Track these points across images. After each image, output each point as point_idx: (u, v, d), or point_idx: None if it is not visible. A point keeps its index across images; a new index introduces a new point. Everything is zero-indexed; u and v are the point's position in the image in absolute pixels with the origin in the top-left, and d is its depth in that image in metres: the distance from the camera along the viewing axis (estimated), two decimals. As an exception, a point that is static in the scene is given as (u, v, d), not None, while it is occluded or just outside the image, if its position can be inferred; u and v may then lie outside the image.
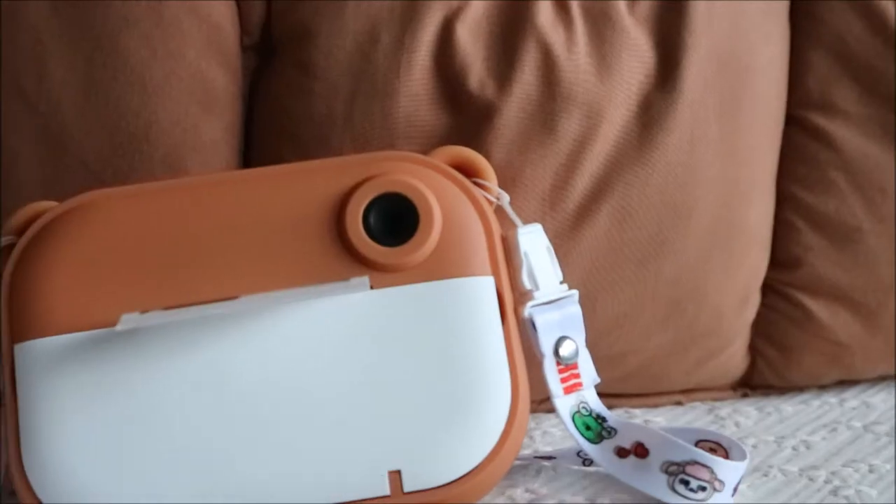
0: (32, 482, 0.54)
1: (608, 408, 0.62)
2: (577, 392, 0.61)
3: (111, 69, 0.67)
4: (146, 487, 0.54)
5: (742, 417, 0.74)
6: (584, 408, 0.61)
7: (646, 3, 0.71)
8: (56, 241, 0.57)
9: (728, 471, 0.58)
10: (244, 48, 0.72)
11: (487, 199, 0.60)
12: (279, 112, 0.70)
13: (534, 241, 0.60)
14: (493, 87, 0.68)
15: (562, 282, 0.61)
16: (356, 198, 0.57)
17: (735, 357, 0.78)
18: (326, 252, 0.57)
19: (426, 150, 0.61)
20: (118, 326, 0.53)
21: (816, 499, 0.61)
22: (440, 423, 0.55)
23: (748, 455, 0.59)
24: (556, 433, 0.71)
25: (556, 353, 0.60)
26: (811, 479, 0.63)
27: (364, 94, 0.68)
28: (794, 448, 0.68)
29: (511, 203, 0.62)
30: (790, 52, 0.76)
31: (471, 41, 0.68)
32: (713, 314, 0.74)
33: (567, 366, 0.60)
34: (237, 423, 0.54)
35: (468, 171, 0.60)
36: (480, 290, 0.57)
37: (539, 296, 0.60)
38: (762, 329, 0.78)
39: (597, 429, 0.61)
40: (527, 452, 0.66)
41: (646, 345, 0.73)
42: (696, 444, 0.60)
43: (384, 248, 0.57)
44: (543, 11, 0.69)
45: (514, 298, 0.59)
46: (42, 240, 0.57)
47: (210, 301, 0.55)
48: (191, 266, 0.57)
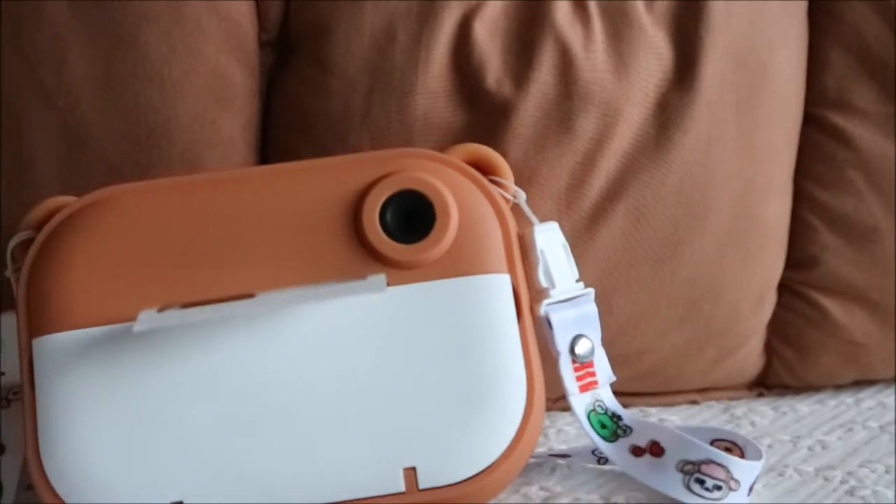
0: (50, 476, 0.54)
1: (623, 406, 0.62)
2: (593, 390, 0.61)
3: (130, 65, 0.68)
4: (163, 482, 0.54)
5: (758, 417, 0.74)
6: (600, 406, 0.61)
7: (663, 3, 0.71)
8: (75, 236, 0.57)
9: (744, 470, 0.58)
10: (262, 45, 0.72)
11: (504, 197, 0.60)
12: (296, 109, 0.71)
13: (550, 239, 0.60)
14: (511, 85, 0.68)
15: (578, 280, 0.61)
16: (373, 194, 0.57)
17: (751, 356, 0.78)
18: (343, 248, 0.57)
19: (443, 148, 0.61)
20: (136, 327, 0.53)
21: (833, 499, 0.60)
22: (455, 421, 0.55)
23: (764, 454, 0.59)
24: (571, 431, 0.71)
25: (572, 352, 0.60)
26: (827, 480, 0.63)
27: (381, 92, 0.68)
28: (810, 448, 0.68)
29: (527, 201, 0.62)
30: (808, 51, 0.76)
31: (488, 39, 0.68)
32: (729, 313, 0.74)
33: (583, 364, 0.60)
34: (254, 420, 0.54)
35: (485, 169, 0.60)
36: (496, 288, 0.57)
37: (555, 294, 0.60)
38: (778, 328, 0.78)
39: (612, 427, 0.61)
40: (541, 450, 0.66)
41: (662, 344, 0.73)
42: (712, 443, 0.60)
43: (401, 245, 0.57)
44: (561, 10, 0.69)
45: (530, 296, 0.59)
46: (61, 234, 0.57)
47: (227, 296, 0.55)
48: (208, 261, 0.57)
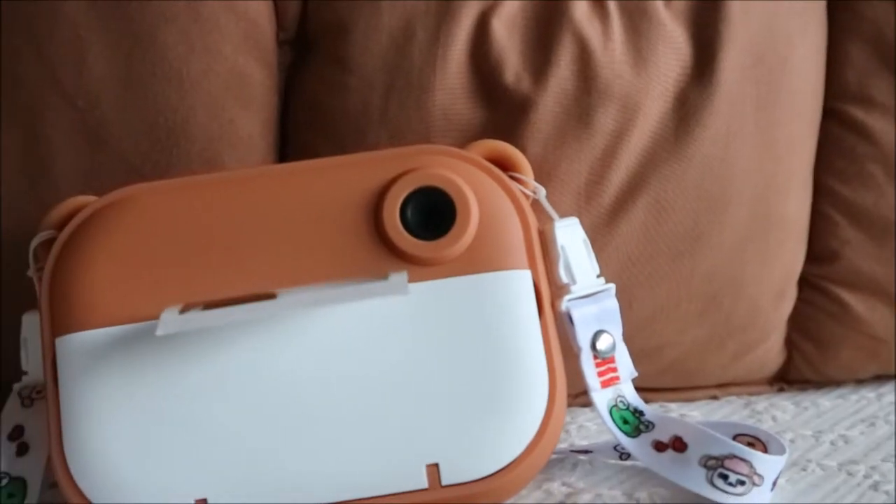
0: (74, 475, 0.55)
1: (643, 402, 0.62)
2: (615, 386, 0.60)
3: (150, 64, 0.68)
4: (187, 480, 0.54)
5: (779, 412, 0.74)
6: (622, 401, 0.61)
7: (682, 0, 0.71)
8: (96, 236, 0.57)
9: (767, 465, 0.57)
10: (280, 44, 0.72)
11: (524, 193, 0.60)
12: (315, 107, 0.71)
13: (571, 235, 0.60)
14: (529, 81, 0.68)
15: (599, 275, 0.61)
16: (393, 192, 0.57)
17: (771, 351, 0.78)
18: (363, 246, 0.57)
19: (462, 144, 0.61)
20: (158, 330, 0.53)
21: (856, 494, 0.60)
22: (478, 417, 0.55)
23: (787, 449, 0.59)
24: (592, 427, 0.70)
25: (594, 347, 0.60)
26: (850, 474, 0.63)
27: (400, 89, 0.68)
28: (833, 443, 0.68)
29: (547, 197, 0.62)
30: (828, 45, 0.75)
31: (506, 35, 0.68)
32: (749, 308, 0.74)
33: (604, 359, 0.60)
34: (277, 417, 0.55)
35: (504, 165, 0.60)
36: (517, 284, 0.57)
37: (576, 289, 0.60)
38: (799, 323, 0.78)
39: (634, 423, 0.61)
40: (563, 446, 0.66)
41: (682, 339, 0.73)
42: (734, 438, 0.60)
43: (421, 242, 0.57)
44: (579, 6, 0.69)
45: (551, 292, 0.59)
46: (82, 234, 0.58)
47: (248, 294, 0.55)
48: (228, 259, 0.57)
